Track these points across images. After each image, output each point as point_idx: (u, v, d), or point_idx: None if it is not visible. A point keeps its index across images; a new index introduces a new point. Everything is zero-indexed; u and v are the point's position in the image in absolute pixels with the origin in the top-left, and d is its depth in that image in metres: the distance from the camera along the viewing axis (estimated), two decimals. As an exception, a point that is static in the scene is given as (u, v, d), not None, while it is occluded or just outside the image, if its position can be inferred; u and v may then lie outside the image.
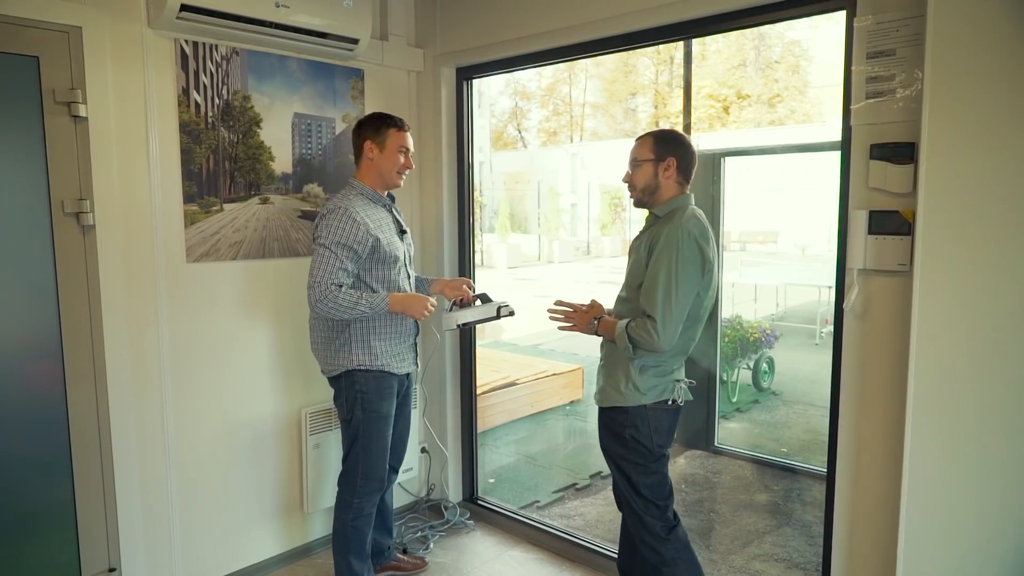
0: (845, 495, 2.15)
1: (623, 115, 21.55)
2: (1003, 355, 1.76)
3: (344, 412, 2.49)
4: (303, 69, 2.82)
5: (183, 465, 2.60)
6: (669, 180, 2.14)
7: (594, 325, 2.20)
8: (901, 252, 1.96)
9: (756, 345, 5.43)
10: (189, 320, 2.58)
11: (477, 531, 3.27)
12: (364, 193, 2.45)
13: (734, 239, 13.75)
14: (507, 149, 22.12)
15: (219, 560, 2.74)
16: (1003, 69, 1.69)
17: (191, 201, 2.55)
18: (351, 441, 2.48)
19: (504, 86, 22.09)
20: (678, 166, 2.13)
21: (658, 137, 2.17)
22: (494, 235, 17.46)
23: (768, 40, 16.65)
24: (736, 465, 4.29)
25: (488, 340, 8.24)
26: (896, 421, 1.96)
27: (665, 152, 2.13)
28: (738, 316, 5.67)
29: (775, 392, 5.73)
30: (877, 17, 1.97)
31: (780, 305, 8.46)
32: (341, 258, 2.31)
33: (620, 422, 2.16)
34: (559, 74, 21.96)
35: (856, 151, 2.04)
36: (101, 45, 2.30)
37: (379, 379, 2.45)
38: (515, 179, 19.60)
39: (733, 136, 16.75)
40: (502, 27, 2.95)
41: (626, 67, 20.68)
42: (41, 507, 2.33)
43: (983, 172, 1.74)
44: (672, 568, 2.17)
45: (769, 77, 16.38)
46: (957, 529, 1.83)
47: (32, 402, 2.29)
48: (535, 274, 14.25)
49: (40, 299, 2.27)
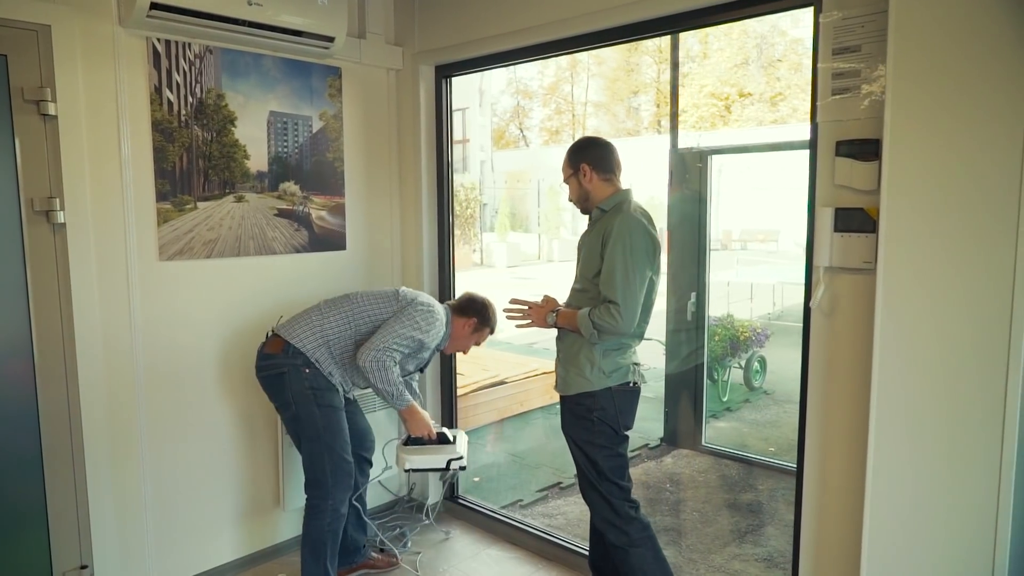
0: (812, 491, 2.14)
1: (625, 113, 21.54)
2: (967, 352, 1.74)
3: (292, 409, 2.45)
4: (279, 67, 2.82)
5: (158, 463, 2.60)
6: (593, 183, 2.29)
7: (552, 318, 2.31)
8: (866, 249, 1.94)
9: (747, 344, 5.41)
10: (163, 318, 2.58)
11: (456, 530, 3.26)
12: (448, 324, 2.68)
13: (735, 238, 13.74)
14: (508, 148, 22.12)
15: (194, 557, 2.74)
16: (966, 64, 1.67)
17: (164, 199, 2.55)
18: (311, 439, 2.44)
19: (506, 85, 22.10)
20: (593, 168, 2.28)
21: (569, 152, 2.35)
22: (494, 234, 17.46)
23: (770, 39, 16.61)
24: (723, 464, 4.27)
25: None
26: (861, 418, 1.95)
27: (577, 161, 2.30)
28: (729, 315, 5.65)
29: (767, 391, 5.70)
30: (843, 13, 1.95)
31: (777, 304, 8.43)
32: (405, 346, 2.47)
33: (587, 406, 2.26)
34: (561, 73, 21.96)
35: (822, 148, 2.02)
36: (71, 43, 2.30)
37: (325, 378, 2.48)
38: (516, 178, 19.60)
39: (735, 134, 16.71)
40: (481, 24, 2.94)
41: (628, 66, 20.67)
42: (11, 505, 2.33)
43: (947, 168, 1.72)
44: (639, 548, 2.26)
45: (771, 75, 16.33)
46: (921, 524, 1.82)
47: (2, 401, 2.29)
48: (534, 273, 14.24)
49: (10, 297, 2.27)
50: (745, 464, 4.25)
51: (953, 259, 1.73)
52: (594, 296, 2.23)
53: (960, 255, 1.72)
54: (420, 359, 2.67)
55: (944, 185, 1.73)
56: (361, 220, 3.19)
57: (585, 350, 2.24)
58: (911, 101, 1.75)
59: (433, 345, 2.62)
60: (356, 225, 3.17)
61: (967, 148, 1.69)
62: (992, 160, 1.64)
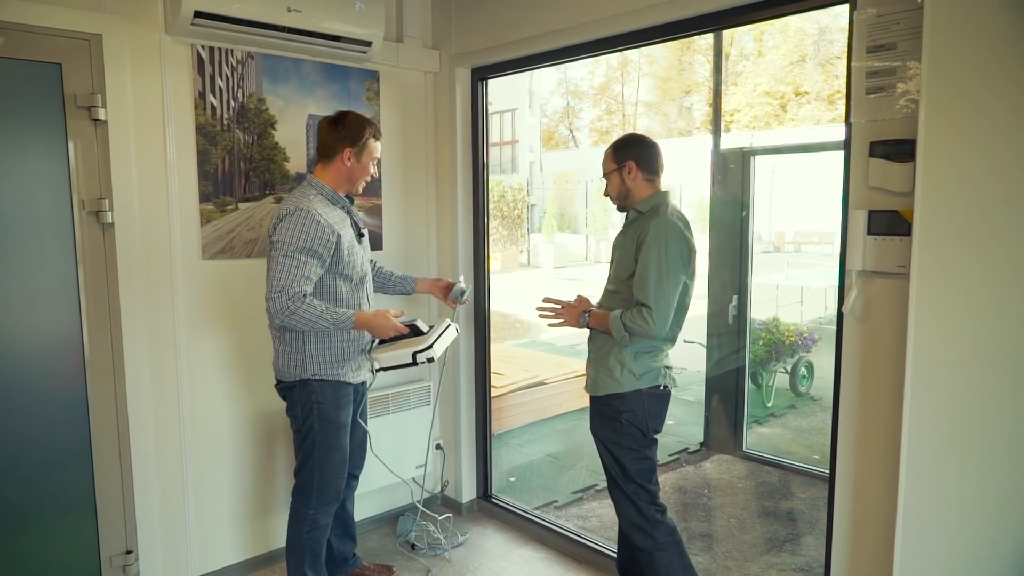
0: (845, 497, 2.10)
1: (677, 113, 21.22)
2: (1003, 357, 1.68)
3: (299, 423, 2.38)
4: (317, 71, 2.89)
5: (198, 454, 2.70)
6: (636, 181, 2.28)
7: (584, 318, 2.31)
8: (901, 253, 1.88)
9: (792, 348, 5.28)
10: (204, 316, 2.68)
11: (488, 529, 3.29)
12: (324, 193, 2.33)
13: (788, 239, 13.41)
14: (558, 148, 22.07)
15: (233, 546, 2.83)
16: (1004, 63, 1.61)
17: (207, 200, 2.65)
18: (307, 453, 2.38)
19: (556, 85, 22.05)
20: (639, 166, 2.27)
21: (615, 147, 2.33)
22: (541, 235, 17.44)
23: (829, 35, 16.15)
24: (763, 471, 4.19)
25: (526, 340, 8.26)
26: (894, 424, 1.89)
27: (623, 157, 2.29)
28: (775, 318, 5.52)
29: (814, 397, 5.55)
30: (878, 10, 1.90)
31: (829, 308, 8.20)
32: (304, 264, 2.19)
33: (616, 407, 2.25)
34: (612, 72, 21.79)
35: (856, 149, 1.97)
36: (120, 51, 2.41)
37: (336, 388, 2.37)
38: (564, 178, 19.54)
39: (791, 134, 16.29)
40: (517, 26, 2.96)
41: (680, 64, 20.37)
42: (64, 492, 2.46)
43: (983, 169, 1.66)
44: (665, 552, 2.26)
45: (830, 73, 15.88)
46: (955, 532, 1.76)
47: (55, 393, 2.41)
48: (581, 274, 14.18)
49: (63, 295, 2.39)
50: (786, 471, 4.15)
51: (989, 263, 1.67)
52: (627, 298, 2.23)
53: (997, 259, 1.66)
54: (347, 259, 2.31)
55: (981, 187, 1.67)
56: (398, 221, 3.25)
57: (616, 352, 2.23)
58: (947, 100, 1.70)
59: (331, 233, 2.23)
60: (393, 226, 3.23)
61: (1005, 148, 1.63)
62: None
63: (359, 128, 2.36)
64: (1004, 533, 1.72)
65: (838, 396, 2.09)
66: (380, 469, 2.98)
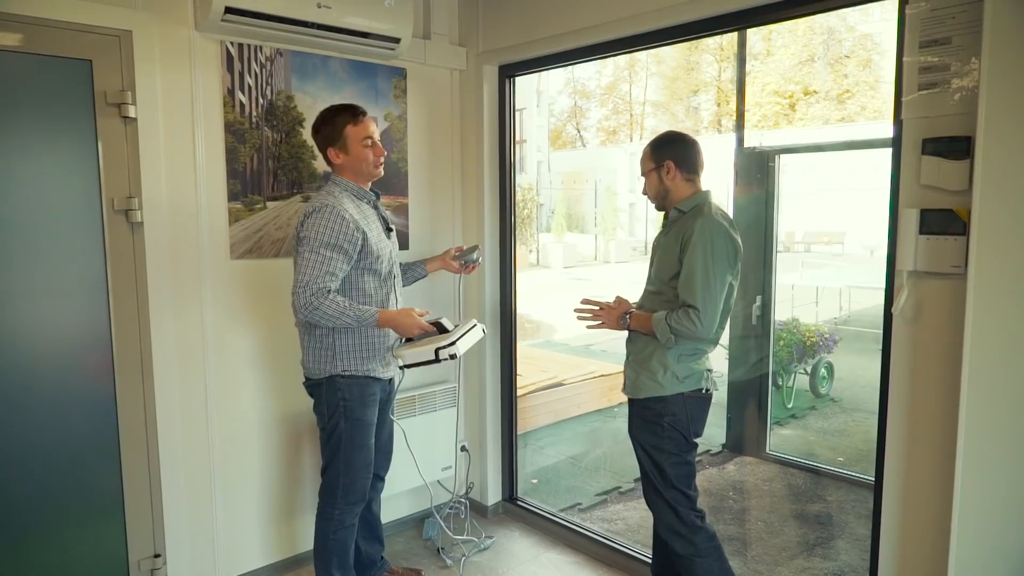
0: (893, 506, 2.04)
1: (685, 113, 21.18)
2: (1066, 365, 1.63)
3: (324, 421, 2.36)
4: (345, 69, 2.86)
5: (226, 456, 2.66)
6: (675, 180, 2.23)
7: (626, 320, 2.27)
8: (955, 253, 1.83)
9: (813, 349, 5.23)
10: (232, 315, 2.65)
11: (515, 532, 3.25)
12: (349, 189, 2.32)
13: (798, 239, 13.36)
14: (566, 148, 22.03)
15: (261, 548, 2.80)
16: (1069, 56, 1.57)
17: (235, 199, 2.61)
18: (332, 452, 2.35)
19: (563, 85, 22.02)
20: (677, 165, 2.22)
21: (653, 145, 2.28)
22: (550, 235, 17.41)
23: (838, 34, 16.07)
24: (788, 473, 4.14)
25: (539, 340, 8.21)
26: (948, 430, 1.84)
27: (662, 157, 2.24)
28: (795, 319, 5.48)
29: (834, 399, 5.51)
30: (931, 3, 1.85)
31: (844, 308, 8.15)
32: (330, 260, 2.17)
33: (658, 411, 2.21)
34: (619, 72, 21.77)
35: (907, 146, 1.92)
36: (150, 48, 2.38)
37: (363, 385, 2.33)
38: (573, 178, 19.51)
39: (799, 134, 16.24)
40: (545, 23, 2.92)
41: (688, 64, 20.32)
42: (91, 494, 2.42)
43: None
44: (706, 559, 2.22)
45: (839, 72, 15.80)
46: (1012, 543, 1.71)
47: (83, 392, 2.38)
48: (590, 274, 14.15)
49: (92, 293, 2.36)
50: (812, 474, 4.11)
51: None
52: (669, 299, 2.19)
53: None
54: (375, 254, 2.28)
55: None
56: (424, 220, 3.21)
57: (659, 354, 2.19)
58: (1006, 96, 1.65)
59: (356, 229, 2.21)
60: (419, 225, 3.19)
61: (1070, 145, 1.59)
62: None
63: (328, 124, 2.31)
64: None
65: (886, 400, 2.04)
66: (405, 471, 2.95)
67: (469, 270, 2.69)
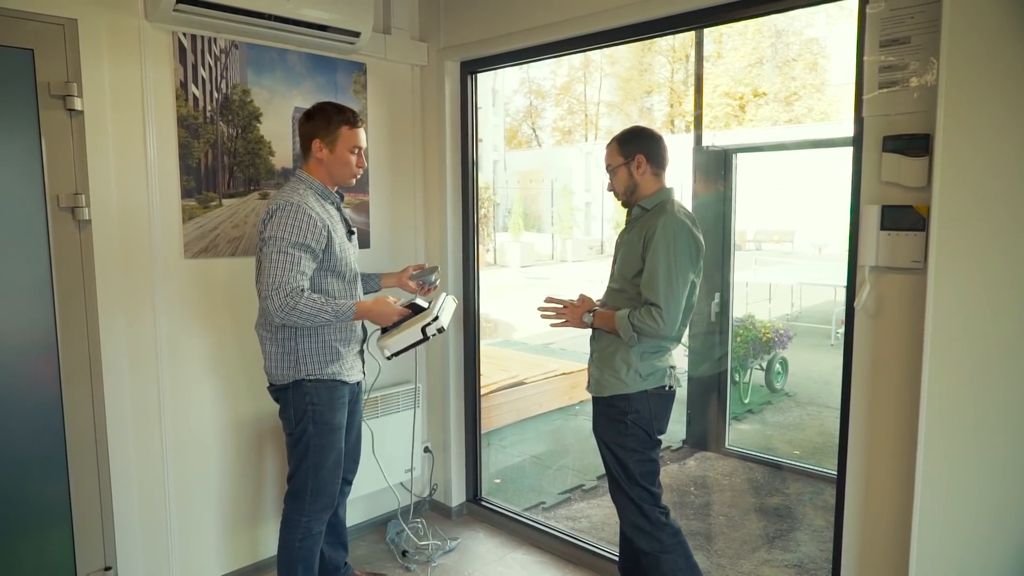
0: (856, 499, 2.08)
1: (638, 113, 21.42)
2: (1021, 354, 1.68)
3: (292, 426, 2.29)
4: (304, 63, 2.78)
5: (181, 463, 2.57)
6: (644, 175, 2.23)
7: (589, 318, 2.25)
8: (915, 248, 1.88)
9: (769, 345, 5.34)
10: (186, 316, 2.55)
11: (480, 533, 3.22)
12: (314, 187, 2.25)
13: (749, 238, 13.64)
14: (521, 148, 22.07)
15: (219, 558, 2.71)
16: (1022, 57, 1.61)
17: (189, 196, 2.52)
18: (300, 457, 2.28)
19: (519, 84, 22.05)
20: (648, 159, 2.21)
21: (621, 139, 2.26)
22: (507, 234, 17.42)
23: (786, 38, 16.48)
24: (747, 468, 4.21)
25: (499, 339, 8.19)
26: (909, 423, 1.89)
27: (631, 151, 2.22)
28: (751, 316, 5.58)
29: (788, 393, 5.63)
30: (891, 3, 1.89)
31: (795, 305, 8.35)
32: (299, 260, 2.10)
33: (622, 409, 2.21)
34: (574, 72, 21.89)
35: (868, 143, 1.96)
36: (97, 38, 2.27)
37: (331, 389, 2.28)
38: (529, 178, 19.55)
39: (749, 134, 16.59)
40: (508, 19, 2.89)
41: (641, 65, 20.56)
42: (36, 505, 2.30)
43: (1001, 164, 1.66)
44: (671, 555, 2.22)
45: (786, 75, 16.20)
46: (973, 535, 1.76)
47: (27, 398, 2.26)
48: (548, 273, 14.19)
49: (36, 294, 2.24)
50: (770, 467, 4.18)
51: (1009, 257, 1.67)
52: (632, 297, 2.18)
53: (1016, 253, 1.67)
54: (339, 255, 2.23)
55: (999, 181, 1.67)
56: (385, 218, 3.15)
57: (622, 352, 2.18)
58: (965, 94, 1.69)
59: (323, 227, 2.15)
60: (380, 223, 3.13)
61: (1023, 143, 1.63)
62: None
63: (328, 117, 2.24)
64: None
65: (848, 394, 2.07)
66: (368, 474, 2.88)
67: (426, 291, 2.58)
